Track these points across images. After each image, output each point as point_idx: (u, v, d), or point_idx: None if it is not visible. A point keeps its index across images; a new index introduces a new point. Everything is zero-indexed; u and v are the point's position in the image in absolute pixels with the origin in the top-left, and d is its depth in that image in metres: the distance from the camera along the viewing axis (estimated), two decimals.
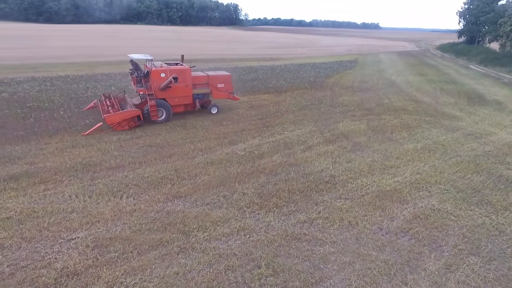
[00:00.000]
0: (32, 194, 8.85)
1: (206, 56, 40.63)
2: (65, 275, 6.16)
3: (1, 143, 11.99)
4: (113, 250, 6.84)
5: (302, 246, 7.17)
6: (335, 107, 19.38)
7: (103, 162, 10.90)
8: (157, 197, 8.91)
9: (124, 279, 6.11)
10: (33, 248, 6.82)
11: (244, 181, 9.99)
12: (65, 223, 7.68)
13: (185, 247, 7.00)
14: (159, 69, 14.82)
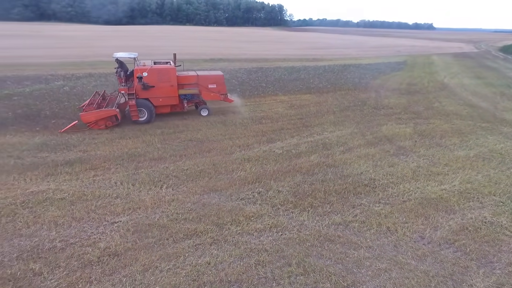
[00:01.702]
0: (83, 178, 9.60)
1: (249, 56, 41.13)
2: (107, 254, 6.59)
3: (61, 134, 13.14)
4: (151, 236, 7.18)
5: (336, 248, 6.96)
6: (379, 109, 18.56)
7: (146, 153, 11.50)
8: (195, 189, 9.20)
9: (159, 264, 6.38)
10: (81, 228, 7.39)
11: (279, 179, 9.95)
12: (110, 207, 8.22)
13: (218, 239, 7.14)
14: (141, 68, 14.45)
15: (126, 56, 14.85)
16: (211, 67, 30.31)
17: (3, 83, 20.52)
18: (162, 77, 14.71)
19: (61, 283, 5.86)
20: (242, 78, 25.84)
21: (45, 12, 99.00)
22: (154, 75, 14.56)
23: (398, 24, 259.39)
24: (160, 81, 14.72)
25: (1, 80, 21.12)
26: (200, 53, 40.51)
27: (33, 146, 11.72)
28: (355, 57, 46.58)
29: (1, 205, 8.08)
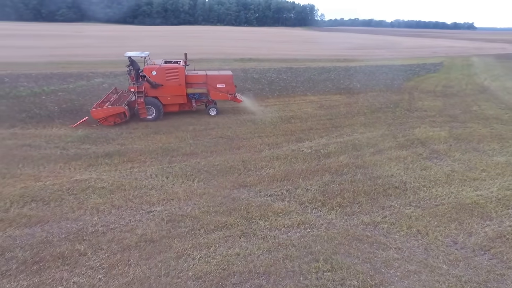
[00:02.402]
0: (121, 170, 10.21)
1: (279, 56, 41.23)
2: (143, 240, 7.02)
3: (101, 127, 13.99)
4: (184, 226, 7.55)
5: (364, 247, 6.97)
6: (413, 111, 18.04)
7: (179, 148, 11.99)
8: (225, 184, 9.51)
9: (191, 252, 6.72)
10: (120, 215, 7.91)
11: (308, 177, 10.04)
12: (145, 197, 8.71)
13: (247, 232, 7.38)
14: (150, 67, 14.76)
15: (138, 55, 15.21)
16: (241, 67, 30.78)
17: (50, 79, 22.06)
18: (170, 76, 14.93)
19: (103, 263, 6.35)
20: (272, 77, 26.01)
21: (86, 13, 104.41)
22: (163, 74, 14.82)
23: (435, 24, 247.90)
24: (169, 80, 14.93)
25: (48, 77, 22.72)
26: (230, 53, 41.16)
27: (76, 138, 12.58)
28: (388, 58, 45.29)
29: (50, 190, 8.81)
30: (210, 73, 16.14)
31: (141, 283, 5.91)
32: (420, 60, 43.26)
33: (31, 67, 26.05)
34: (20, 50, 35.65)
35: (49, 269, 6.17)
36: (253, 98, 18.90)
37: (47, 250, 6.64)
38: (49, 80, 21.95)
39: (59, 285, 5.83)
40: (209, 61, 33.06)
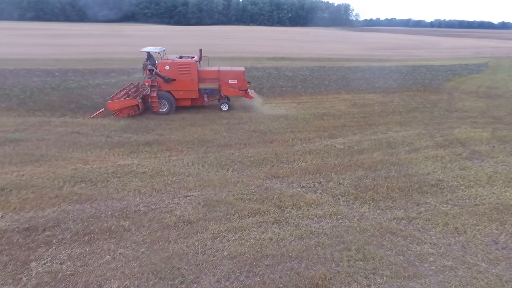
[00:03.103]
0: (160, 157, 10.79)
1: (311, 55, 40.99)
2: (181, 221, 7.44)
3: (141, 118, 14.78)
4: (219, 210, 7.89)
5: (397, 240, 6.93)
6: (452, 112, 17.32)
7: (214, 140, 12.43)
8: (258, 174, 9.77)
9: (226, 234, 7.03)
10: (160, 197, 8.41)
11: (340, 172, 10.05)
12: (183, 183, 9.17)
13: (280, 220, 7.57)
14: (164, 62, 15.16)
15: (154, 50, 15.69)
16: (273, 65, 31.01)
17: (95, 74, 23.56)
18: (182, 71, 15.23)
19: (145, 239, 6.82)
20: (305, 76, 26.00)
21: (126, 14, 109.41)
22: (176, 68, 15.17)
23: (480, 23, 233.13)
24: (181, 75, 15.23)
25: (93, 72, 24.26)
26: (263, 52, 41.52)
27: (119, 127, 13.42)
28: (427, 58, 43.52)
29: (97, 173, 9.53)
30: (222, 69, 16.28)
31: (180, 258, 6.30)
32: (462, 60, 41.16)
33: (78, 63, 27.93)
34: (68, 48, 38.23)
35: (98, 241, 6.73)
36: (284, 96, 19.05)
37: (95, 224, 7.24)
38: (94, 74, 23.45)
39: (107, 254, 6.36)
40: (242, 59, 33.62)
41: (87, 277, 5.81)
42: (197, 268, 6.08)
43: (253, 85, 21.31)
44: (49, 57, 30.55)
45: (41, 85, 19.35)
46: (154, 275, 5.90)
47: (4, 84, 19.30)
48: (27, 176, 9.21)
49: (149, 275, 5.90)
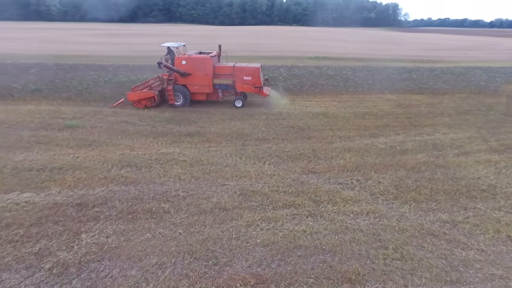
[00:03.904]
0: (200, 148, 11.18)
1: (355, 56, 39.80)
2: (217, 208, 7.66)
3: (184, 111, 15.39)
4: (254, 200, 8.01)
5: (440, 243, 6.55)
6: (511, 115, 15.90)
7: (252, 134, 12.60)
8: (294, 168, 9.75)
9: (260, 223, 7.12)
10: (198, 184, 8.73)
11: (380, 171, 9.70)
12: (220, 172, 9.42)
13: (314, 213, 7.51)
14: (181, 57, 15.50)
15: (174, 45, 16.18)
16: (315, 65, 30.59)
17: (143, 70, 24.90)
18: (198, 66, 15.47)
19: (183, 221, 7.13)
20: (347, 75, 25.31)
21: (174, 15, 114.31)
22: (191, 63, 15.46)
23: None
24: (196, 70, 15.50)
25: (141, 68, 25.64)
26: (305, 51, 41.11)
27: (163, 119, 14.10)
28: (483, 60, 40.27)
29: (142, 159, 10.12)
30: (237, 65, 16.26)
31: (214, 242, 6.50)
32: None
33: (128, 59, 29.73)
34: (121, 46, 40.84)
35: (140, 220, 7.16)
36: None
37: (138, 204, 7.71)
38: (142, 70, 24.79)
39: (148, 232, 6.75)
40: (283, 58, 33.60)
41: (129, 251, 6.21)
42: (230, 252, 6.24)
43: (293, 83, 21.25)
44: (104, 54, 32.87)
45: (96, 79, 20.90)
46: (189, 255, 6.15)
47: (65, 77, 21.11)
48: (81, 158, 10.05)
49: (185, 254, 6.17)
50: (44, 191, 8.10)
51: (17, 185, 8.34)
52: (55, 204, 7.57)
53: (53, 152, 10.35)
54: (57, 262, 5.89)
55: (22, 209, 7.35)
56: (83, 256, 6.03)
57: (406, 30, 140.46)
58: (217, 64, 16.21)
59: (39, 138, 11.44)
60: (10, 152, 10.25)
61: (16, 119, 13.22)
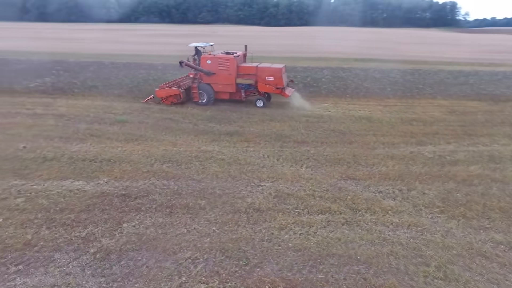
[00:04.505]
0: (238, 147, 11.33)
1: (405, 58, 37.72)
2: (252, 208, 7.70)
3: (225, 111, 15.70)
4: (289, 203, 7.93)
5: (491, 266, 5.96)
6: None
7: (291, 135, 12.49)
8: (332, 173, 9.49)
9: (293, 227, 7.03)
10: (234, 183, 8.85)
11: (426, 182, 9.08)
12: (257, 173, 9.47)
13: (351, 221, 7.24)
14: (206, 57, 15.99)
15: (200, 45, 16.83)
16: (360, 67, 29.51)
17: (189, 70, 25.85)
18: (222, 65, 15.83)
19: (217, 219, 7.27)
20: (395, 78, 24.06)
21: (221, 16, 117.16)
22: (216, 63, 15.89)
23: None
24: (221, 69, 15.86)
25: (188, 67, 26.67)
26: (351, 53, 39.86)
27: (205, 117, 14.51)
28: None
29: (183, 155, 10.50)
30: (261, 65, 16.33)
31: (246, 242, 6.54)
32: None
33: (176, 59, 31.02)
34: (170, 46, 42.79)
35: (177, 214, 7.44)
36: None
37: (177, 199, 8.01)
38: (189, 70, 25.72)
39: (183, 227, 6.98)
40: (328, 59, 32.89)
41: (165, 244, 6.48)
42: (261, 254, 6.24)
43: (336, 85, 20.76)
44: (155, 53, 34.67)
45: (146, 77, 22.10)
46: (221, 253, 6.26)
47: (118, 75, 22.60)
48: (128, 152, 10.69)
49: (217, 252, 6.28)
50: (93, 181, 8.74)
51: (72, 173, 9.09)
52: (103, 193, 8.14)
53: (104, 145, 11.14)
54: (100, 247, 6.32)
55: (74, 196, 8.00)
56: (123, 245, 6.41)
57: (465, 31, 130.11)
58: (241, 64, 16.50)
59: (92, 131, 12.38)
60: (68, 143, 11.22)
61: (74, 113, 14.44)
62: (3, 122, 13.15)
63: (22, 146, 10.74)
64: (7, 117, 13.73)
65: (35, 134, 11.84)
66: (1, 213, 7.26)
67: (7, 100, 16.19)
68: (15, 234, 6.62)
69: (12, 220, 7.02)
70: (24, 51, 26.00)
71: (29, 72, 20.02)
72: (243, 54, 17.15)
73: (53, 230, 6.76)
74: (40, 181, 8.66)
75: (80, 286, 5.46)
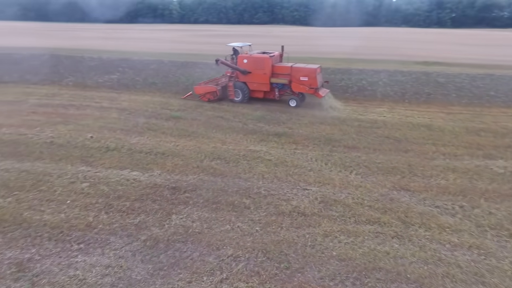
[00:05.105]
0: (286, 149, 11.25)
1: (475, 61, 34.30)
2: (296, 211, 7.59)
3: (275, 112, 15.71)
4: (335, 210, 7.67)
5: None
6: None
7: (341, 140, 12.07)
8: (384, 182, 8.97)
9: (338, 235, 6.78)
10: (280, 185, 8.80)
11: (494, 200, 8.15)
12: (303, 176, 9.31)
13: (401, 235, 6.77)
14: (243, 56, 16.47)
15: (238, 45, 17.58)
16: (422, 70, 27.52)
17: None
18: (257, 64, 16.17)
19: (261, 219, 7.30)
20: (462, 84, 21.97)
21: (276, 17, 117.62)
22: (252, 62, 16.26)
23: None
24: (256, 68, 16.20)
25: None
26: (412, 55, 37.34)
27: (254, 117, 14.67)
28: None
29: (231, 153, 10.73)
30: (295, 65, 16.43)
31: (289, 245, 6.46)
32: None
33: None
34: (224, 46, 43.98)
35: (222, 211, 7.61)
36: None
37: (223, 196, 8.20)
38: None
39: (227, 224, 7.12)
40: (386, 62, 31.20)
41: (209, 239, 6.66)
42: (303, 260, 6.11)
43: (394, 89, 19.72)
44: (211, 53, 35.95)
45: (201, 75, 22.78)
46: (263, 254, 6.26)
47: (176, 73, 23.76)
48: (180, 146, 11.22)
49: (259, 252, 6.30)
50: (148, 172, 9.32)
51: (129, 163, 9.80)
52: (155, 184, 8.64)
53: (159, 139, 11.82)
54: (150, 235, 6.71)
55: (130, 185, 8.61)
56: (171, 235, 6.73)
57: None
58: (276, 64, 16.76)
59: (150, 125, 13.22)
60: (128, 135, 12.12)
61: (135, 107, 15.55)
62: (76, 113, 14.65)
63: (89, 136, 11.85)
64: (79, 109, 15.27)
65: (101, 126, 12.99)
66: (69, 195, 8.08)
67: (81, 94, 18.01)
68: (79, 215, 7.32)
69: (77, 203, 7.78)
70: (97, 49, 28.64)
71: (99, 69, 22.07)
72: (279, 54, 17.50)
73: (110, 215, 7.34)
74: (103, 169, 9.47)
75: (130, 270, 5.85)
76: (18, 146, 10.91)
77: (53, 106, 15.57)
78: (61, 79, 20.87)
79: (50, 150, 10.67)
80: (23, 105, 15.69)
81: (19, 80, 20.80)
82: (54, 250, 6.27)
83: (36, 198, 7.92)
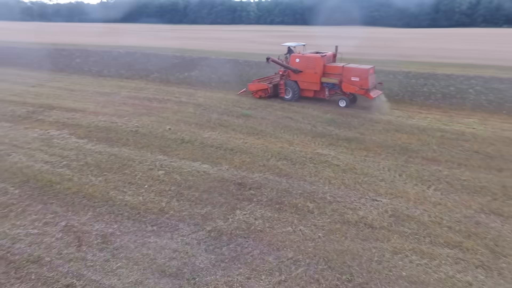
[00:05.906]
0: (356, 155, 10.70)
1: None
2: (362, 222, 7.16)
3: (347, 115, 15.08)
4: (408, 227, 7.03)
5: None
6: None
7: (420, 151, 11.03)
8: (469, 203, 7.92)
9: (410, 254, 6.20)
10: (347, 193, 8.40)
11: None
12: (374, 186, 8.74)
13: (489, 266, 5.89)
14: (295, 55, 16.82)
15: (292, 45, 18.11)
16: None
17: None
18: (309, 64, 16.43)
19: (325, 226, 7.05)
20: None
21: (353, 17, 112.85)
22: (304, 61, 16.55)
23: None
24: (307, 68, 16.46)
25: None
26: None
27: (324, 120, 14.28)
28: None
29: (298, 155, 10.61)
30: (347, 65, 16.33)
31: (352, 257, 6.12)
32: None
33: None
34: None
35: (285, 212, 7.56)
36: None
37: (286, 197, 8.14)
38: None
39: (289, 226, 7.05)
40: (479, 67, 27.58)
41: (270, 238, 6.67)
42: (368, 275, 5.73)
43: (488, 98, 17.38)
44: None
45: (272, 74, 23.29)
46: (324, 262, 6.04)
47: (249, 72, 24.44)
48: (248, 144, 11.48)
49: (320, 259, 6.09)
50: (217, 166, 9.74)
51: (201, 156, 10.37)
52: (223, 178, 8.98)
53: (229, 135, 12.28)
54: (215, 227, 6.99)
55: (200, 177, 9.10)
56: (234, 230, 6.91)
57: None
58: (328, 64, 16.73)
59: (221, 121, 13.82)
60: (201, 129, 12.85)
61: (209, 103, 16.42)
62: (158, 106, 16.07)
63: (168, 128, 12.88)
64: (161, 102, 16.72)
65: (178, 119, 14.01)
66: (147, 180, 8.89)
67: (163, 89, 19.71)
68: (154, 200, 7.99)
69: (153, 188, 8.50)
70: (180, 48, 31.00)
71: (181, 66, 23.86)
72: (333, 55, 17.39)
73: (181, 203, 7.86)
74: (177, 159, 10.20)
75: (194, 257, 6.17)
76: (109, 132, 12.40)
77: (140, 99, 17.33)
78: (148, 74, 23.11)
79: (134, 138, 11.89)
80: (116, 96, 17.79)
81: (115, 74, 23.68)
82: (131, 229, 6.94)
83: (120, 180, 8.89)
